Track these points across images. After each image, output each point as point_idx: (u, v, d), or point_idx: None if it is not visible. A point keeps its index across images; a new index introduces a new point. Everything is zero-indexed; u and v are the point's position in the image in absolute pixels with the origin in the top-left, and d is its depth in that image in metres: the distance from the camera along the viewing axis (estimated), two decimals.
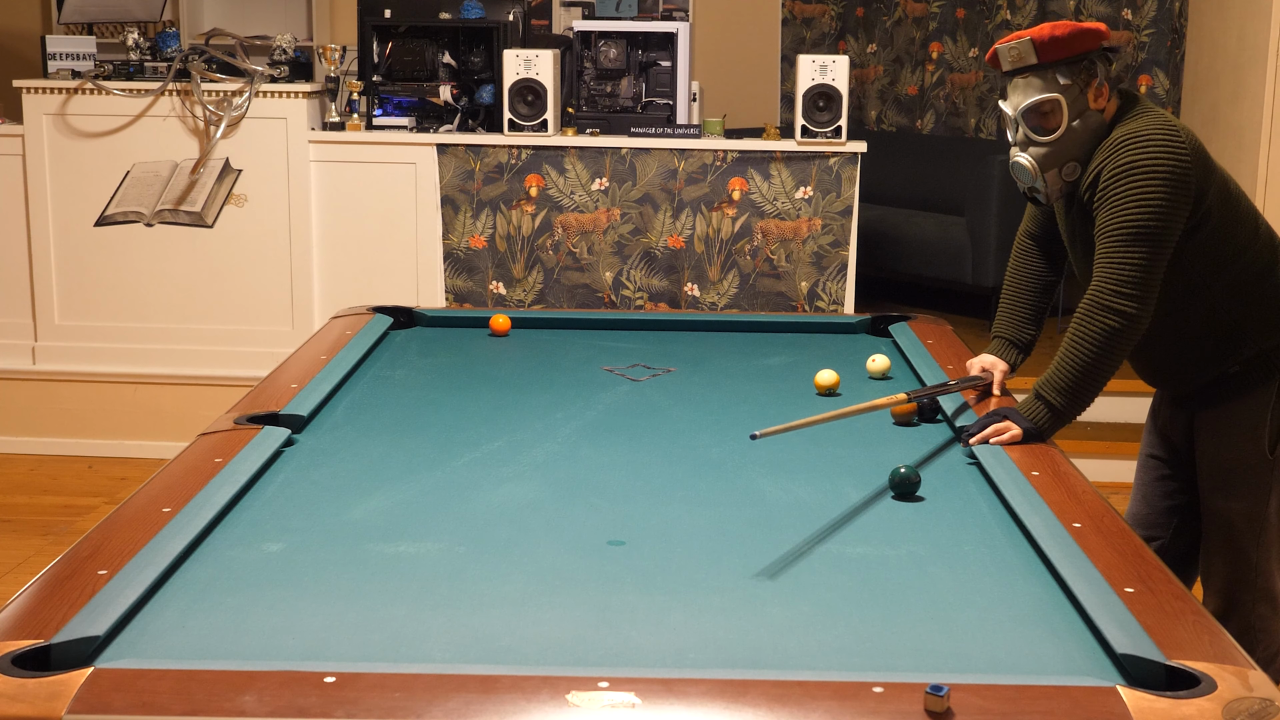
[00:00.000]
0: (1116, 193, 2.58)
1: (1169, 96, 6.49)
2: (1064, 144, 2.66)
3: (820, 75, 4.91)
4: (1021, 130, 2.69)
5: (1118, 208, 2.58)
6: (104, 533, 2.08)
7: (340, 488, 2.39)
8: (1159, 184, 2.56)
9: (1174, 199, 2.57)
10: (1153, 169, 2.56)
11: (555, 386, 3.08)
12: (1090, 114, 2.65)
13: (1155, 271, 2.59)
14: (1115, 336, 2.59)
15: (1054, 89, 2.63)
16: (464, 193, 5.11)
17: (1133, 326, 2.59)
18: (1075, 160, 2.67)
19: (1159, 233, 2.57)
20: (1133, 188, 2.57)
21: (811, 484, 2.44)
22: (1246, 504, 2.76)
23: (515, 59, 4.96)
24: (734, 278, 5.08)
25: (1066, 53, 2.62)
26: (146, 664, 1.67)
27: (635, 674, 1.66)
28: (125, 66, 5.27)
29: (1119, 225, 2.58)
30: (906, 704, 1.59)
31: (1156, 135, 2.59)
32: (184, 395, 5.25)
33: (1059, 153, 2.67)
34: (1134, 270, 2.57)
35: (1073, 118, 2.64)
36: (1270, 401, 2.74)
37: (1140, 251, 2.57)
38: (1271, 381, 2.73)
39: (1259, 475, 2.76)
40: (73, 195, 5.20)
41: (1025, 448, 2.55)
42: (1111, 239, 2.59)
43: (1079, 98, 2.64)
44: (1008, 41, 2.66)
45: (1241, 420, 2.76)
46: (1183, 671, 1.66)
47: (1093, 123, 2.66)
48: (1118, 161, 2.59)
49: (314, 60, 5.54)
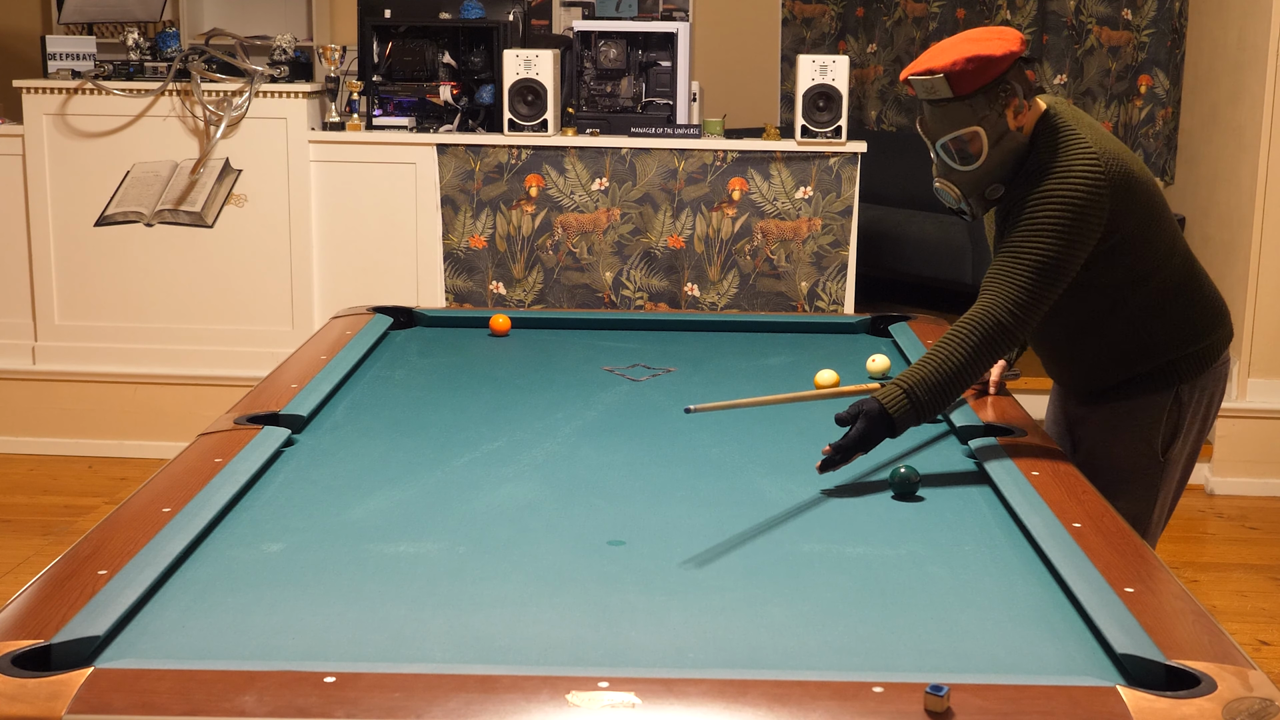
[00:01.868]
0: (1027, 217, 2.53)
1: (1169, 96, 6.49)
2: (985, 169, 2.59)
3: (820, 75, 4.91)
4: (942, 159, 2.63)
5: (1025, 232, 2.53)
6: (104, 533, 2.08)
7: (340, 488, 2.39)
8: (1069, 218, 2.50)
9: (1080, 234, 2.52)
10: (1066, 202, 2.51)
11: (555, 386, 3.08)
12: (1010, 135, 2.57)
13: (1044, 302, 2.54)
14: (989, 352, 2.53)
15: (972, 121, 2.55)
16: (464, 193, 5.11)
17: (1005, 348, 2.55)
18: (998, 182, 2.61)
19: (1057, 264, 2.51)
20: (1043, 216, 2.51)
21: (811, 484, 2.44)
22: (1132, 504, 2.77)
23: (515, 59, 4.96)
24: (734, 278, 5.08)
25: (981, 82, 2.52)
26: (146, 664, 1.67)
27: (635, 674, 1.65)
28: (125, 66, 5.27)
29: (1020, 249, 2.52)
30: (906, 704, 1.59)
31: (1075, 165, 2.53)
32: (184, 395, 5.25)
33: (980, 178, 2.61)
34: (1024, 294, 2.52)
35: (993, 144, 2.57)
36: (1167, 404, 2.76)
37: (1034, 279, 2.51)
38: (1172, 388, 2.75)
39: (1149, 476, 2.79)
40: (73, 195, 5.20)
41: (1027, 449, 2.55)
42: (1011, 258, 2.53)
43: (998, 121, 2.56)
44: (918, 73, 2.55)
45: (1138, 419, 2.77)
46: (1183, 671, 1.66)
47: (1013, 143, 2.58)
48: (1038, 188, 2.53)
49: (314, 60, 5.54)
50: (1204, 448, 5.14)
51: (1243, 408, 5.13)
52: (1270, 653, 3.81)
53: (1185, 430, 2.79)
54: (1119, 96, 6.72)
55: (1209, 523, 4.89)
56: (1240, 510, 4.99)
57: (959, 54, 2.51)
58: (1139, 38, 6.58)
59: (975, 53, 2.50)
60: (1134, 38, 6.61)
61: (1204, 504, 5.05)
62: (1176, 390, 2.76)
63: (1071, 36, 6.78)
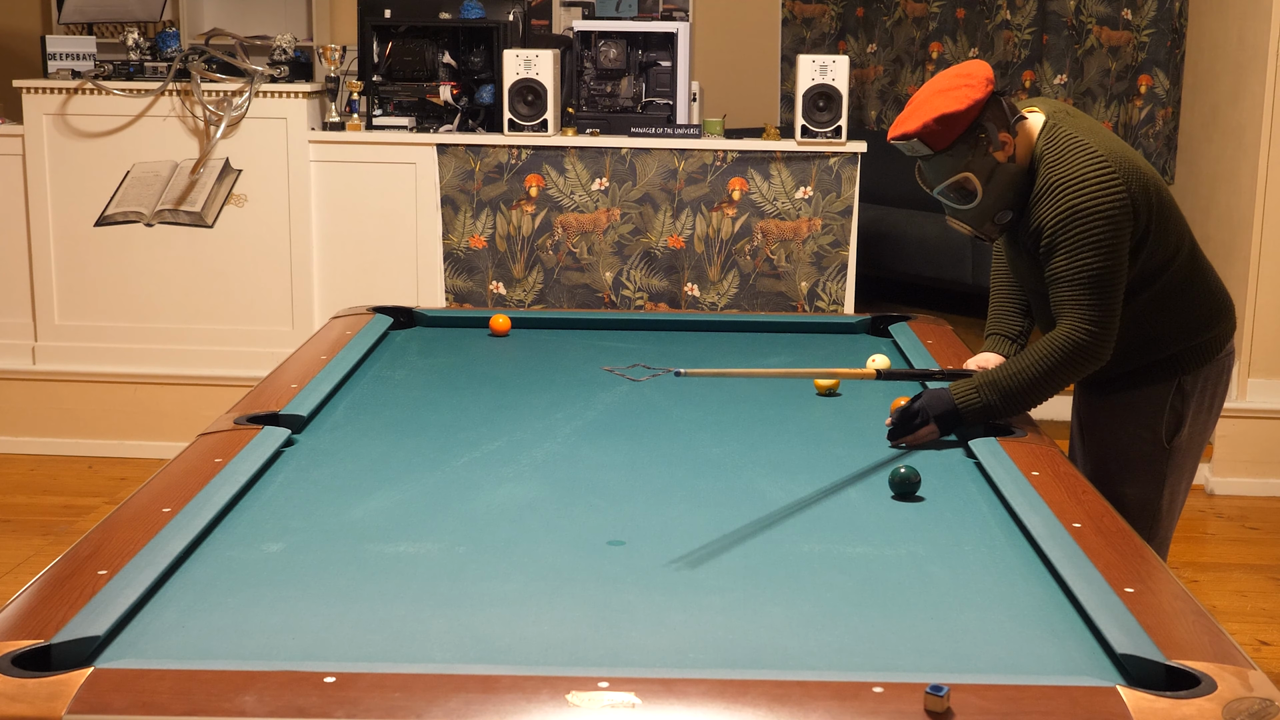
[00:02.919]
0: (1065, 239, 2.61)
1: (1169, 96, 6.49)
2: (986, 204, 2.70)
3: (820, 75, 4.91)
4: (945, 203, 2.74)
5: (1069, 254, 2.61)
6: (104, 533, 2.08)
7: (340, 488, 2.39)
8: (1103, 224, 2.58)
9: (1119, 235, 2.60)
10: (1094, 211, 2.58)
11: (555, 386, 3.08)
12: (1000, 169, 2.67)
13: (1115, 307, 2.64)
14: (1074, 370, 2.66)
15: (959, 169, 2.66)
16: (464, 193, 5.11)
17: (1094, 363, 2.66)
18: (1005, 209, 2.71)
19: (1112, 270, 2.61)
20: (1079, 232, 2.59)
21: (811, 484, 2.44)
22: (1141, 490, 2.85)
23: (515, 59, 4.96)
24: (734, 278, 5.08)
25: (955, 135, 2.63)
26: (146, 664, 1.67)
27: (635, 674, 1.65)
28: (125, 66, 5.26)
29: (1075, 272, 2.61)
30: (906, 704, 1.59)
31: (1090, 175, 2.60)
32: (184, 395, 5.25)
33: (984, 212, 2.71)
34: (1095, 312, 2.62)
35: (985, 181, 2.66)
36: (1170, 394, 2.83)
37: (1097, 292, 2.61)
38: (1174, 379, 2.83)
39: (1155, 463, 2.85)
40: (73, 195, 5.20)
41: (1026, 448, 2.55)
42: (1069, 285, 2.63)
43: (984, 161, 2.65)
44: (896, 137, 2.67)
45: (1142, 408, 2.84)
46: (1183, 671, 1.66)
47: (1007, 174, 2.68)
48: (1059, 208, 2.61)
49: (314, 60, 5.54)
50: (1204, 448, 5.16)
51: (1243, 408, 5.13)
52: (1270, 653, 3.81)
53: (1190, 418, 2.86)
54: (1119, 96, 6.72)
55: (1209, 523, 4.89)
56: (1240, 510, 4.99)
57: (927, 115, 2.63)
58: (1139, 38, 6.58)
59: (941, 111, 2.61)
60: (1134, 38, 6.61)
61: (1204, 504, 5.05)
62: (1179, 381, 2.83)
63: (1071, 36, 6.78)
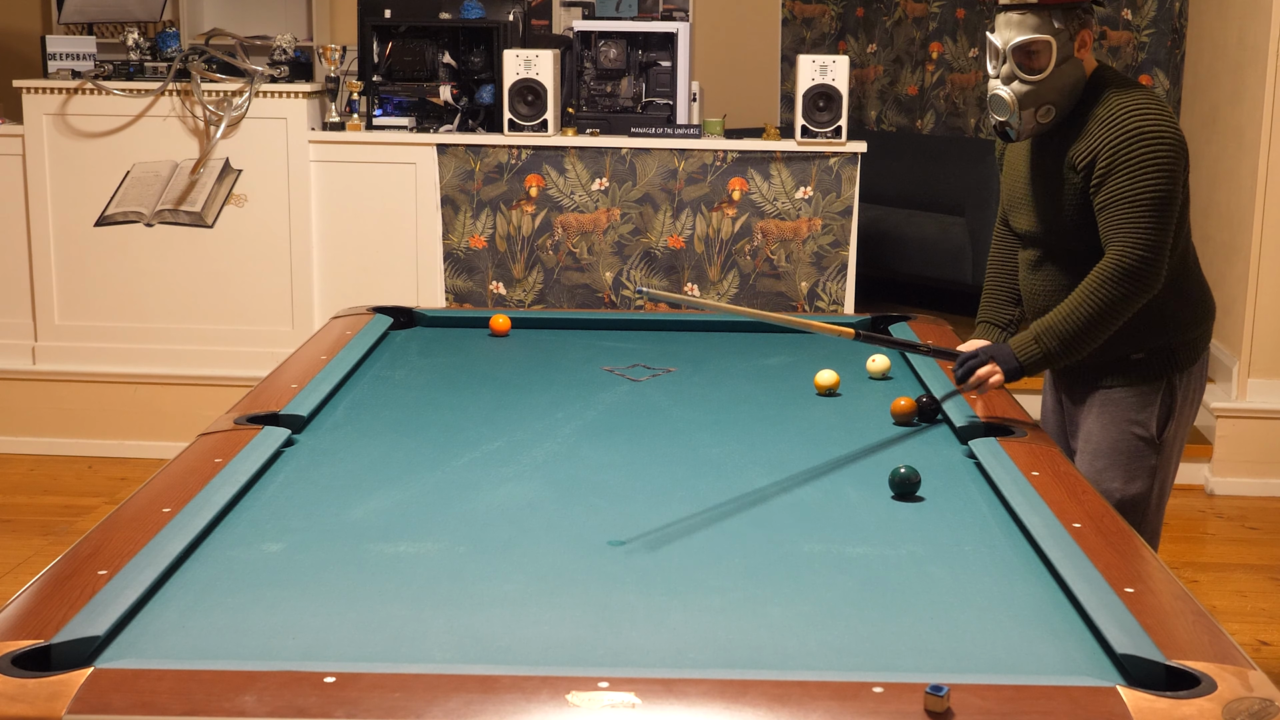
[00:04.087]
0: (1126, 160, 2.64)
1: (1169, 97, 6.48)
2: (1046, 86, 2.72)
3: (820, 75, 4.91)
4: (1009, 65, 2.74)
5: (1131, 175, 2.64)
6: (104, 533, 2.08)
7: (340, 488, 2.39)
8: (1167, 150, 2.64)
9: (1180, 167, 2.66)
10: (1160, 136, 2.64)
11: (555, 386, 3.08)
12: (1073, 62, 2.72)
13: (1169, 238, 2.67)
14: (1127, 300, 2.68)
15: (1048, 31, 2.69)
16: (464, 193, 5.11)
17: (1145, 294, 2.69)
18: (1051, 104, 2.74)
19: (1170, 197, 2.65)
20: (1145, 153, 2.64)
21: (811, 484, 2.44)
22: (1132, 485, 2.88)
23: (515, 59, 4.96)
24: (734, 278, 5.08)
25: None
26: (146, 664, 1.67)
27: (635, 674, 1.65)
28: (125, 66, 5.27)
29: (1134, 193, 2.64)
30: (906, 704, 1.59)
31: (1154, 105, 2.68)
32: (184, 395, 5.25)
33: (1039, 94, 2.73)
34: (1153, 234, 2.65)
35: (1059, 62, 2.70)
36: (1160, 390, 2.86)
37: (1156, 217, 2.65)
38: (1165, 376, 2.86)
39: (1145, 457, 2.88)
40: (73, 195, 5.20)
41: (1026, 448, 2.55)
42: (1128, 206, 2.65)
43: (1067, 43, 2.71)
44: None
45: (1133, 403, 2.87)
46: (1183, 671, 1.66)
47: (1074, 72, 2.73)
48: (1125, 128, 2.66)
49: (314, 60, 5.54)
50: (1204, 448, 5.16)
51: (1243, 408, 5.13)
52: (1270, 653, 3.81)
53: (1178, 413, 2.89)
54: None
55: (1209, 523, 4.88)
56: (1240, 510, 4.99)
57: None
58: (1139, 38, 6.58)
59: None
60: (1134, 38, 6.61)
61: (1204, 504, 5.05)
62: (1170, 377, 2.86)
63: None
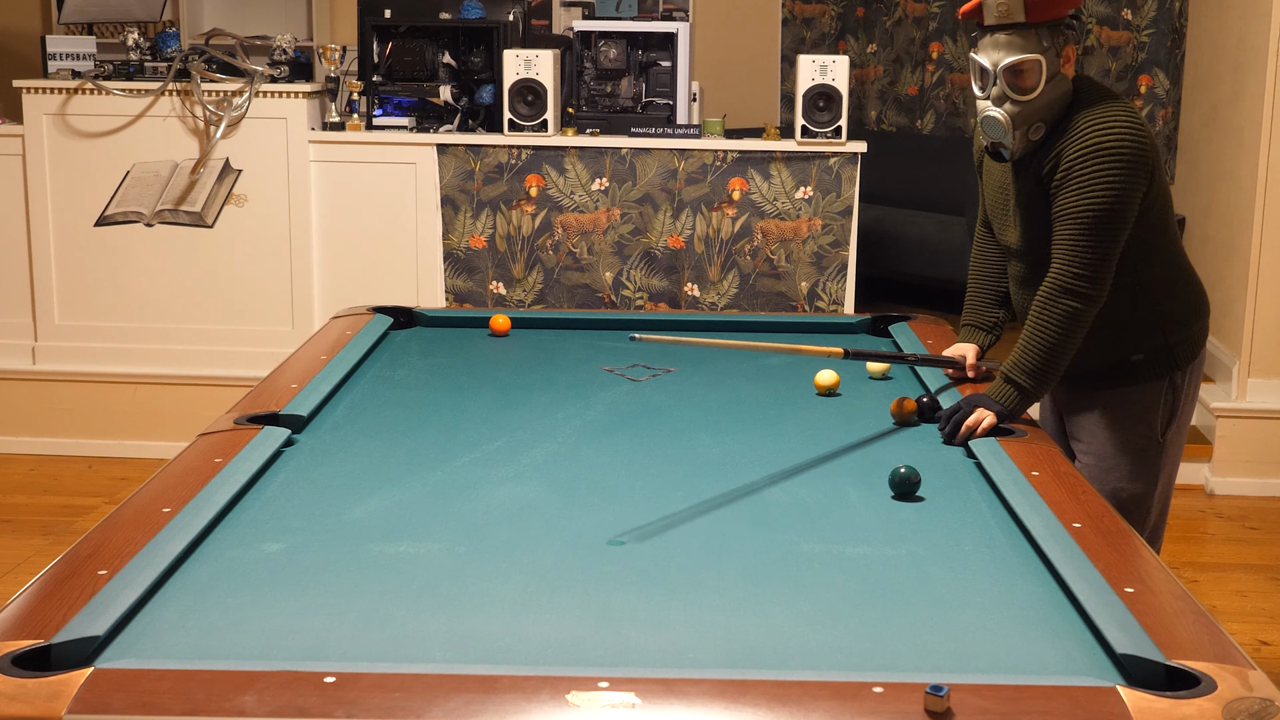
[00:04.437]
0: (1078, 175, 2.66)
1: (1169, 96, 6.49)
2: (1036, 104, 2.72)
3: (820, 75, 4.91)
4: (999, 86, 2.74)
5: (1079, 190, 2.66)
6: (104, 533, 2.08)
7: (340, 488, 2.39)
8: (1120, 167, 2.64)
9: (1133, 183, 2.65)
10: (1116, 152, 2.64)
11: (555, 386, 3.08)
12: (1060, 78, 2.72)
13: (1111, 255, 2.67)
14: (1075, 318, 2.69)
15: (1036, 50, 2.69)
16: (464, 193, 5.11)
17: (1090, 308, 2.69)
18: (1041, 122, 2.74)
19: (1116, 217, 2.65)
20: (1095, 171, 2.64)
21: (811, 484, 2.44)
22: (1137, 486, 2.89)
23: (515, 59, 4.96)
24: (734, 278, 5.08)
25: (1052, 14, 2.68)
26: (146, 664, 1.67)
27: (635, 674, 1.65)
28: (125, 66, 5.26)
29: (1079, 209, 2.66)
30: (906, 704, 1.59)
31: (1120, 118, 2.67)
32: (184, 395, 5.24)
33: (1030, 113, 2.73)
34: (1091, 254, 2.66)
35: (1049, 79, 2.70)
36: (1164, 389, 2.88)
37: (1098, 236, 2.65)
38: (1167, 375, 2.87)
39: (1150, 458, 2.89)
40: (73, 195, 5.20)
41: (1026, 447, 2.55)
42: (1071, 222, 2.67)
43: (1055, 60, 2.71)
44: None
45: (1137, 404, 2.88)
46: (1183, 671, 1.66)
47: (1061, 87, 2.73)
48: (1084, 143, 2.67)
49: (314, 60, 5.54)
50: (1204, 448, 5.16)
51: (1243, 408, 5.13)
52: (1270, 653, 3.81)
53: (1181, 411, 2.91)
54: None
55: (1209, 523, 4.88)
56: (1240, 510, 4.99)
57: None
58: (1139, 38, 6.58)
59: None
60: (1134, 38, 6.61)
61: (1204, 504, 5.05)
62: (1172, 376, 2.87)
63: None
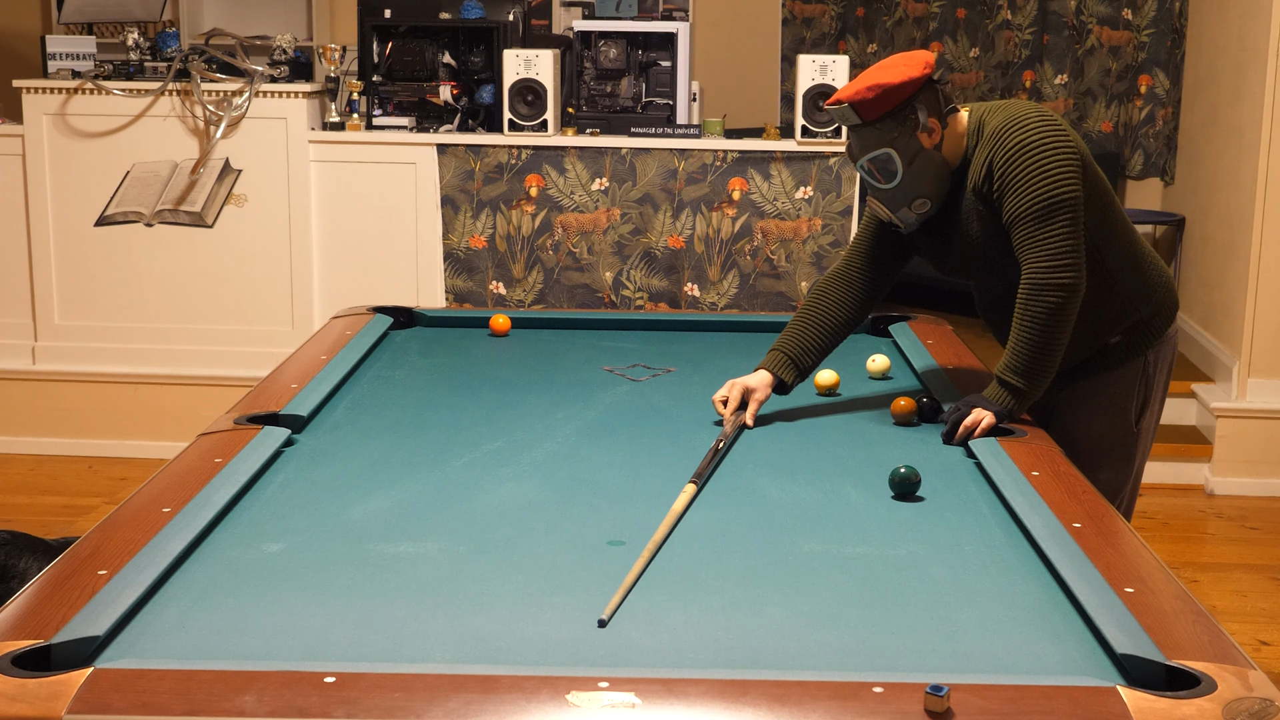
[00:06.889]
0: (1015, 176, 2.66)
1: (1169, 96, 6.49)
2: (904, 187, 2.73)
3: (820, 75, 4.91)
4: (865, 178, 2.78)
5: (1022, 188, 2.65)
6: (104, 533, 2.08)
7: (340, 488, 2.39)
8: (1054, 154, 2.64)
9: (1069, 164, 2.65)
10: (1043, 143, 2.65)
11: (555, 386, 3.08)
12: (925, 154, 2.72)
13: (1076, 238, 2.67)
14: (1060, 310, 2.66)
15: (883, 144, 2.71)
16: (464, 193, 5.11)
17: (1074, 296, 2.68)
18: (923, 198, 2.74)
19: (1070, 200, 2.65)
20: (1032, 164, 2.64)
21: (811, 484, 2.44)
22: (1110, 474, 2.90)
23: (515, 59, 4.96)
24: (734, 278, 5.08)
25: (885, 108, 2.68)
26: (146, 664, 1.67)
27: (635, 674, 1.65)
28: (125, 66, 5.26)
29: (1031, 203, 2.65)
30: (906, 704, 1.59)
31: (1032, 116, 2.68)
32: (184, 395, 5.25)
33: (902, 194, 2.74)
34: (1060, 241, 2.65)
35: (907, 163, 2.71)
36: (1139, 373, 2.89)
37: (1059, 222, 2.64)
38: (1143, 353, 2.88)
39: (1125, 447, 2.92)
40: (73, 195, 5.20)
41: (1026, 447, 2.55)
42: (1028, 219, 2.66)
43: (909, 143, 2.71)
44: (833, 102, 2.73)
45: (1113, 392, 2.90)
46: (1183, 671, 1.66)
47: (931, 161, 2.73)
48: (1007, 146, 2.67)
49: (314, 60, 5.54)
50: (1204, 448, 5.16)
51: (1243, 408, 5.13)
52: (1270, 653, 3.81)
53: (1152, 399, 2.93)
54: (1119, 96, 6.72)
55: (1209, 523, 4.88)
56: (1240, 510, 4.99)
57: (862, 84, 2.70)
58: (1139, 38, 6.58)
59: (876, 81, 2.68)
60: (1134, 38, 6.61)
61: (1204, 504, 5.05)
62: (1144, 361, 2.88)
63: (1072, 36, 6.78)
